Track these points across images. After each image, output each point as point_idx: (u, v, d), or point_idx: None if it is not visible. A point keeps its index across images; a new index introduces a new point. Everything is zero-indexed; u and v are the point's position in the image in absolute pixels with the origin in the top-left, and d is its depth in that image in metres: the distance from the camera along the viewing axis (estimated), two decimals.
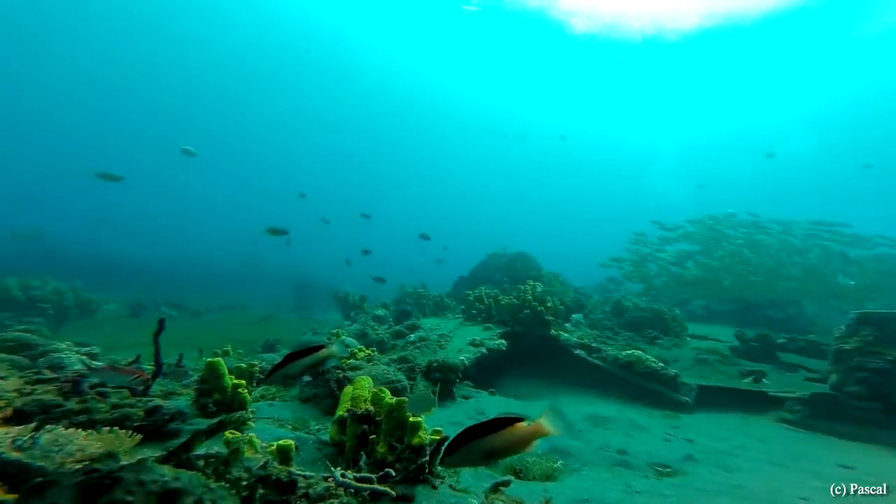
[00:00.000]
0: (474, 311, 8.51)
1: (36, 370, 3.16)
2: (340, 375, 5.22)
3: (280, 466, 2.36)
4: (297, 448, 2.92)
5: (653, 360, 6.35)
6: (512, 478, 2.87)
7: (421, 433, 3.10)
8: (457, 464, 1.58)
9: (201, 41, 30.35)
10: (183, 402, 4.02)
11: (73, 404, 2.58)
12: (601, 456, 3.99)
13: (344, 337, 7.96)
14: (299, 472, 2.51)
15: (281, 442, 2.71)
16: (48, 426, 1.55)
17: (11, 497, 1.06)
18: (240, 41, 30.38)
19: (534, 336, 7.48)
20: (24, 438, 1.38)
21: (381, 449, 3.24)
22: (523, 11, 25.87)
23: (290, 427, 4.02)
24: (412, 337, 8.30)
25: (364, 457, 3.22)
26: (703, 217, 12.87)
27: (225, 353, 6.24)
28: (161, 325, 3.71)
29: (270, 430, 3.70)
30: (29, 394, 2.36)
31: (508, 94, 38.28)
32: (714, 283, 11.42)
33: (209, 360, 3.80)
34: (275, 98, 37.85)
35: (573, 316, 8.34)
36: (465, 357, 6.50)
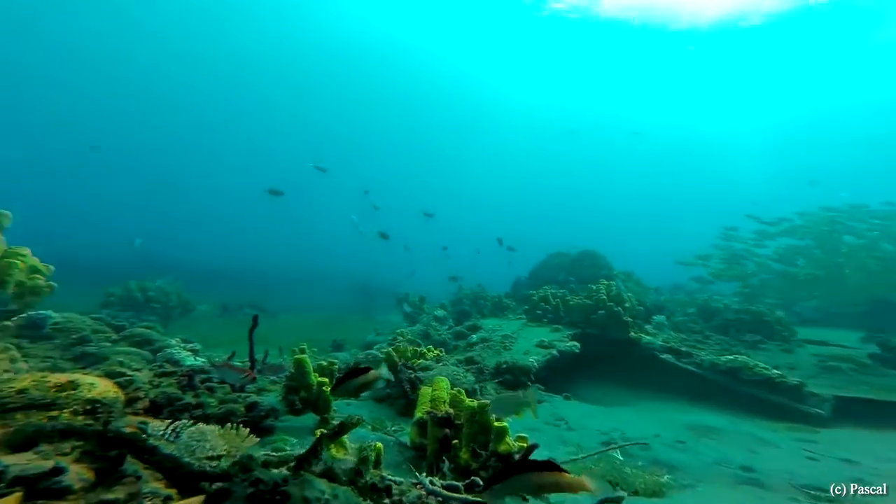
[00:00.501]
0: (539, 312, 8.18)
1: (159, 364, 3.55)
2: (412, 376, 5.23)
3: (374, 471, 2.35)
4: None
5: (764, 366, 5.56)
6: (624, 493, 2.60)
7: (508, 439, 2.95)
8: (508, 492, 1.60)
9: (263, 50, 32.75)
10: (273, 398, 4.27)
11: (189, 398, 2.82)
12: (719, 472, 3.48)
13: (408, 336, 8.11)
14: (391, 478, 2.49)
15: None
16: (184, 421, 1.64)
17: (172, 491, 1.11)
18: (301, 49, 32.33)
19: (609, 339, 6.99)
20: (169, 432, 1.48)
21: (463, 455, 3.13)
22: (577, 9, 24.97)
23: (370, 427, 4.08)
24: (474, 338, 8.21)
25: (446, 462, 3.15)
26: (817, 209, 10.99)
27: (302, 352, 6.62)
28: (255, 321, 3.97)
29: (353, 431, 3.78)
30: (157, 386, 2.61)
31: (570, 92, 36.64)
32: (835, 282, 9.60)
33: (297, 357, 3.97)
34: (335, 107, 39.84)
35: (654, 318, 7.66)
36: (534, 359, 6.25)
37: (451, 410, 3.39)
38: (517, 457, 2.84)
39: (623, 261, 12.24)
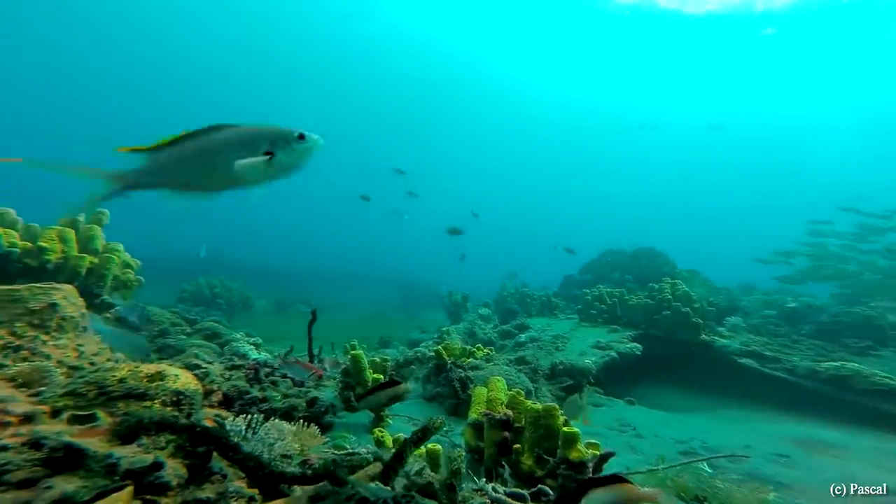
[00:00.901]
0: (593, 312, 7.74)
1: (228, 357, 3.73)
2: (462, 375, 5.12)
3: (435, 474, 2.25)
4: None
5: (885, 374, 4.78)
6: None
7: (579, 446, 2.74)
8: None
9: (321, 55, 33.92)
10: (329, 393, 4.35)
11: (256, 391, 2.89)
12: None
13: (455, 335, 8.03)
14: None
15: (430, 446, 2.62)
16: (257, 416, 1.63)
17: (254, 492, 1.06)
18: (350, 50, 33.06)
19: (674, 341, 6.44)
20: (245, 428, 1.46)
21: (526, 461, 2.96)
22: (633, 7, 23.91)
23: None
24: (522, 337, 7.97)
25: (506, 468, 3.00)
26: None
27: (353, 348, 6.78)
28: (314, 316, 4.09)
29: (407, 430, 3.75)
30: (228, 379, 2.70)
31: (633, 89, 34.60)
32: None
33: (352, 352, 4.00)
34: (391, 109, 40.40)
35: (728, 319, 6.94)
36: (590, 361, 5.91)
37: (510, 413, 3.23)
38: (591, 465, 2.62)
39: (687, 260, 11.32)
